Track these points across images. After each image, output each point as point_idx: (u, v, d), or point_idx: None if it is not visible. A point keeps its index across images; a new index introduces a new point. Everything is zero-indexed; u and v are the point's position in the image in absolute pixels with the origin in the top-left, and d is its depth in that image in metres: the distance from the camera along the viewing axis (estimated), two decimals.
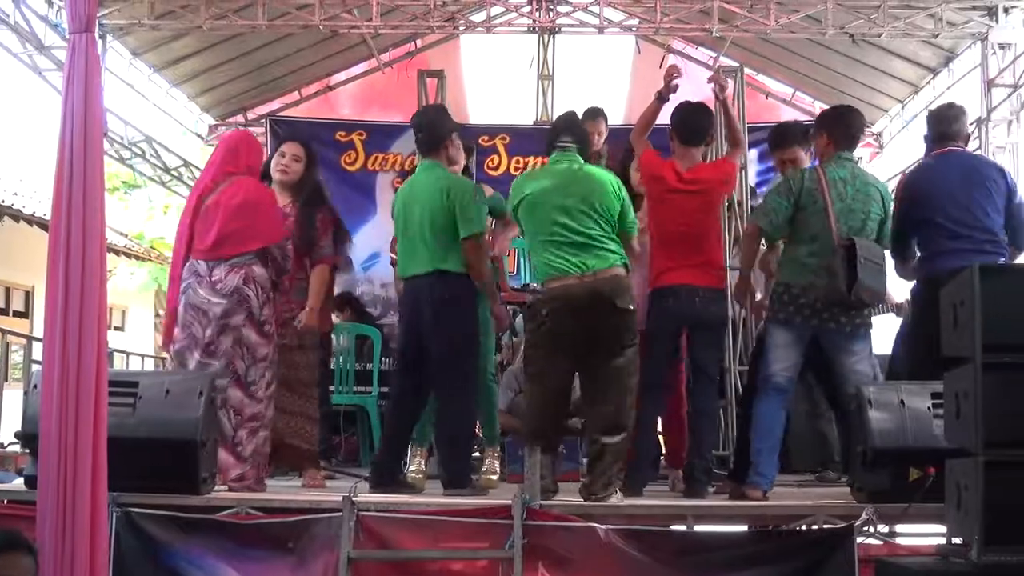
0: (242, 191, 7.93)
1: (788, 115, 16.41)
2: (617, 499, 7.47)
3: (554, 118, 10.82)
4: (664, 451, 9.33)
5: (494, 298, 8.46)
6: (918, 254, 8.46)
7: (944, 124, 8.53)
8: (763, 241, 8.83)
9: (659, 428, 8.97)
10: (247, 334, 7.80)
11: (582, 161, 7.99)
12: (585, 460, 8.22)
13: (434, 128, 8.38)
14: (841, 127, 8.26)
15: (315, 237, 8.65)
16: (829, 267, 7.74)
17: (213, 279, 7.78)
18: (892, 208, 8.08)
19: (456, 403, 8.11)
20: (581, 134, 8.20)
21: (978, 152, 9.42)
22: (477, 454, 9.27)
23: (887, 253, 8.16)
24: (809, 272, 7.88)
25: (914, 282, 8.58)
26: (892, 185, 9.30)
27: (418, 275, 8.08)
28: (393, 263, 8.92)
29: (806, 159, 8.92)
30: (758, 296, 9.39)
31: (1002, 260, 8.09)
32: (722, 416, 10.89)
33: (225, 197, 7.90)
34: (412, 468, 8.70)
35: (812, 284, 7.81)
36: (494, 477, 8.96)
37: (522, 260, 12.67)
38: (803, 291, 7.87)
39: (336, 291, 10.59)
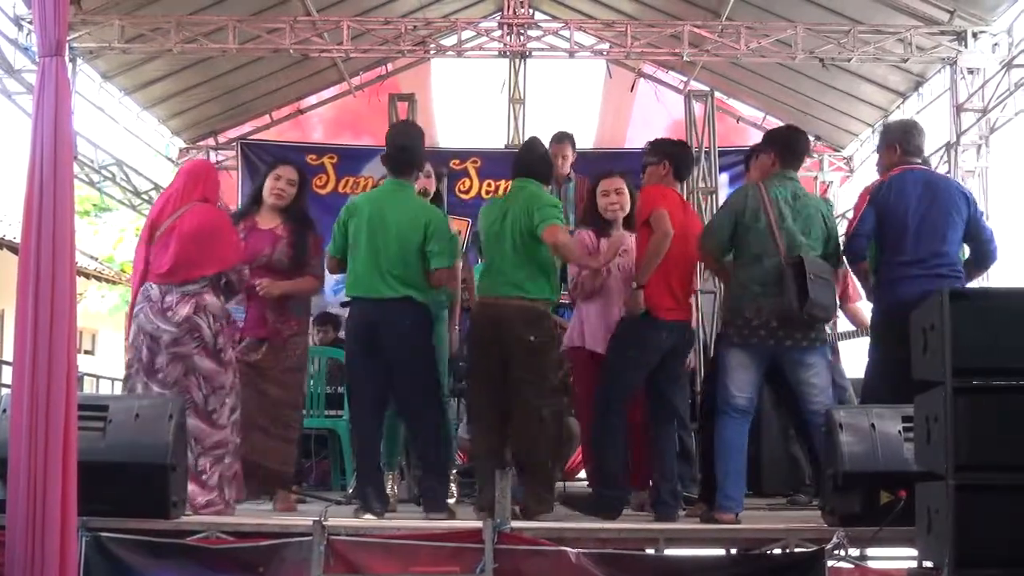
0: (197, 217, 7.88)
1: (758, 139, 16.47)
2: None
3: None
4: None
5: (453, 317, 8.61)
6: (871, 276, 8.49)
7: (913, 138, 8.48)
8: None
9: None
10: (200, 363, 7.75)
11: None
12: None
13: (415, 150, 8.37)
14: (788, 146, 8.28)
15: (307, 258, 8.65)
16: (777, 286, 7.76)
17: (164, 305, 7.72)
18: (837, 224, 8.04)
19: (430, 428, 8.12)
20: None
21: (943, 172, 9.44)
22: None
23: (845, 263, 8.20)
24: (756, 294, 7.86)
25: (872, 310, 8.57)
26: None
27: (382, 298, 7.98)
28: None
29: None
30: None
31: (957, 286, 8.09)
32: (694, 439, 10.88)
33: (180, 223, 7.85)
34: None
35: (761, 305, 7.80)
36: (451, 500, 8.92)
37: None
38: (755, 313, 7.83)
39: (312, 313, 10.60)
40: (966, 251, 8.31)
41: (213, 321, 7.81)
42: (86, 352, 26.24)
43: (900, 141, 8.50)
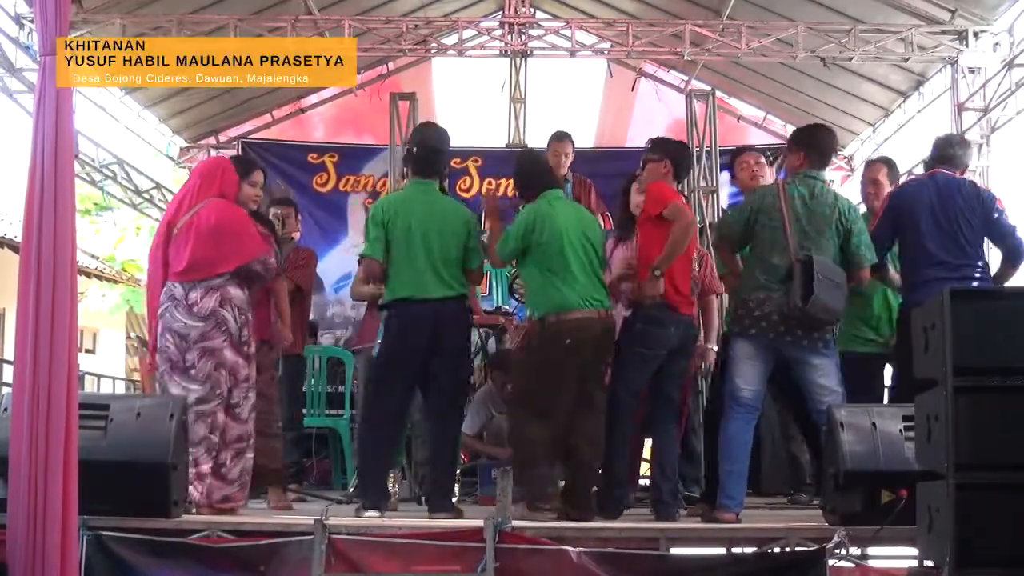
0: (215, 213, 7.87)
1: (759, 138, 16.49)
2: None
3: (526, 140, 10.90)
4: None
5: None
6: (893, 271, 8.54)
7: (945, 147, 8.62)
8: None
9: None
10: (228, 356, 7.75)
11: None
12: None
13: (445, 155, 8.42)
14: (815, 145, 8.28)
15: (279, 258, 8.74)
16: (784, 282, 7.77)
17: (189, 302, 7.71)
18: (859, 224, 8.03)
19: (456, 426, 8.19)
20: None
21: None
22: None
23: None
24: (762, 287, 7.88)
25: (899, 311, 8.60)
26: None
27: (442, 299, 7.97)
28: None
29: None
30: None
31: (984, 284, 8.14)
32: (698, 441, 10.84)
33: (198, 219, 7.84)
34: None
35: (768, 297, 7.81)
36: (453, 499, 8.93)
37: (494, 283, 12.66)
38: (759, 304, 7.84)
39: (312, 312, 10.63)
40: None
41: (239, 313, 7.81)
42: (87, 351, 26.19)
43: (945, 148, 8.64)
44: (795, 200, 7.89)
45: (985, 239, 8.35)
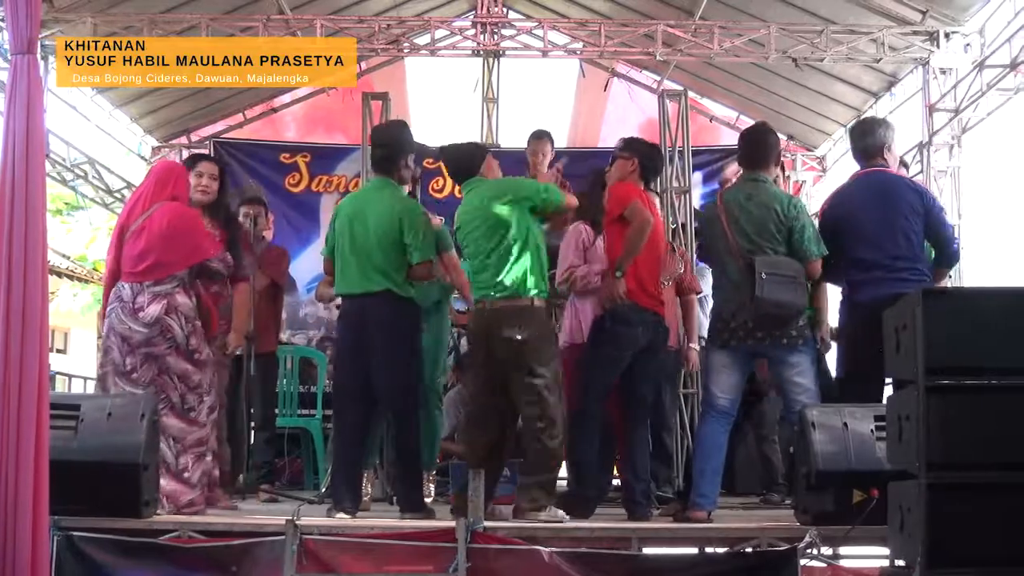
0: (167, 215, 7.88)
1: (732, 139, 16.48)
2: (547, 515, 7.53)
3: (499, 140, 10.86)
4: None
5: (465, 287, 8.53)
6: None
7: (858, 139, 8.51)
8: None
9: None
10: (174, 363, 7.74)
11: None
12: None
13: (394, 146, 8.36)
14: (741, 150, 8.48)
15: (239, 256, 8.64)
16: (740, 288, 7.82)
17: (136, 306, 7.70)
18: (801, 219, 7.96)
19: (410, 425, 8.11)
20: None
21: (900, 173, 9.15)
22: None
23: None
24: (730, 298, 8.00)
25: (839, 312, 8.55)
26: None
27: (365, 294, 7.98)
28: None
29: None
30: None
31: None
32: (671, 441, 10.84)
33: (150, 223, 7.84)
34: None
35: (739, 307, 7.89)
36: (428, 499, 8.91)
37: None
38: (732, 315, 7.95)
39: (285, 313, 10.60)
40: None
41: (185, 322, 7.80)
42: (58, 351, 26.14)
43: (851, 143, 8.62)
44: (731, 206, 7.97)
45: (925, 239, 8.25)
